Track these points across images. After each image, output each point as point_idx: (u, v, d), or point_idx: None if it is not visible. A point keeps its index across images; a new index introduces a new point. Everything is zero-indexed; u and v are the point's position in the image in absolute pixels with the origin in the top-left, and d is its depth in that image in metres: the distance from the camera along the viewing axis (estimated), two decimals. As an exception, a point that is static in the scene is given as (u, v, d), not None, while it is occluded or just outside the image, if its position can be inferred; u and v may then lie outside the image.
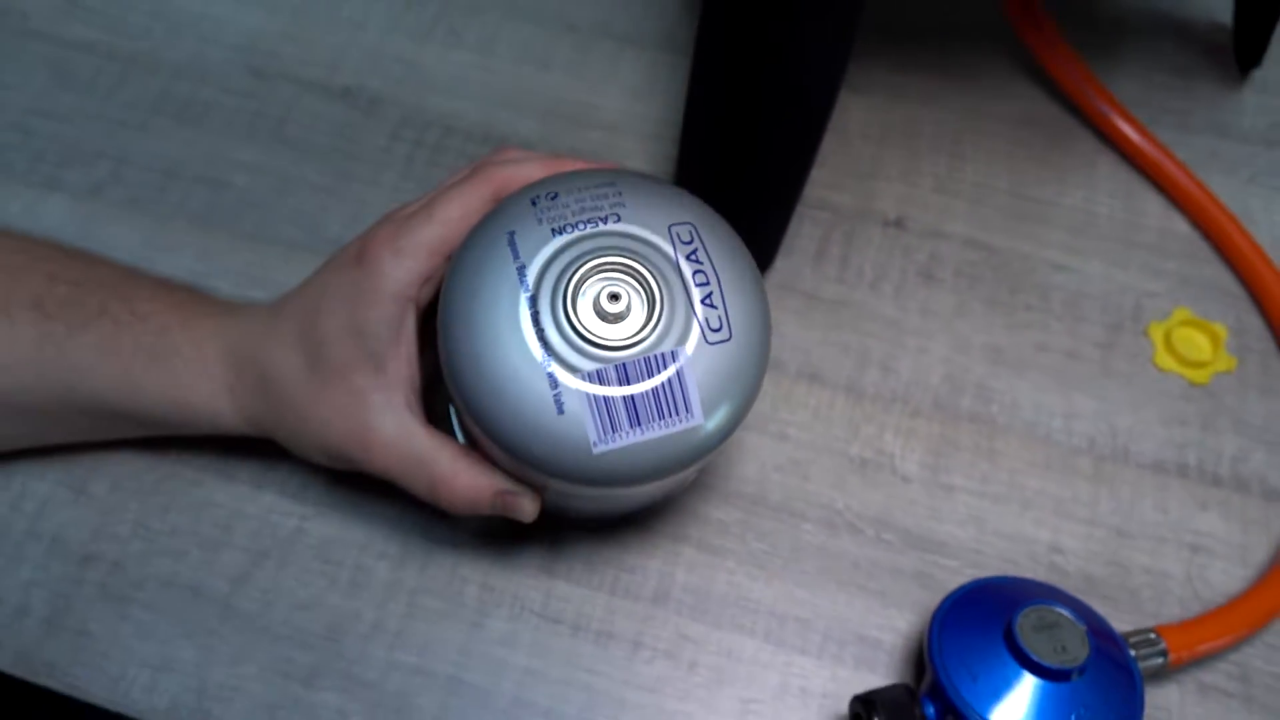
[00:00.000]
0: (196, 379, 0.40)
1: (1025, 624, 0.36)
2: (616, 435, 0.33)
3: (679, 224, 0.36)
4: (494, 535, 0.44)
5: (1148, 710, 0.40)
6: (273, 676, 0.41)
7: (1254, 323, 0.49)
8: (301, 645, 0.42)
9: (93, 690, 0.41)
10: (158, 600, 0.43)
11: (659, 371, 0.34)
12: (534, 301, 0.34)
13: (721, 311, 0.35)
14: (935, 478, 0.45)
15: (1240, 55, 0.57)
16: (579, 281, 0.34)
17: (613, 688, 0.41)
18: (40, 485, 0.45)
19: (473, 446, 0.39)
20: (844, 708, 0.40)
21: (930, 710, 0.37)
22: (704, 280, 0.35)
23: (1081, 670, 0.36)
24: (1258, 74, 0.57)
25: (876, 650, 0.42)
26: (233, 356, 0.40)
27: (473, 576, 0.43)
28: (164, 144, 0.54)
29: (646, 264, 0.34)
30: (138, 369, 0.40)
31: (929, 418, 0.47)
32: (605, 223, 0.35)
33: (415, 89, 0.56)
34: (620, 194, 0.36)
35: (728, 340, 0.34)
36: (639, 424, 0.33)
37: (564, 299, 0.34)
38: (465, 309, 0.35)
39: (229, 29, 0.58)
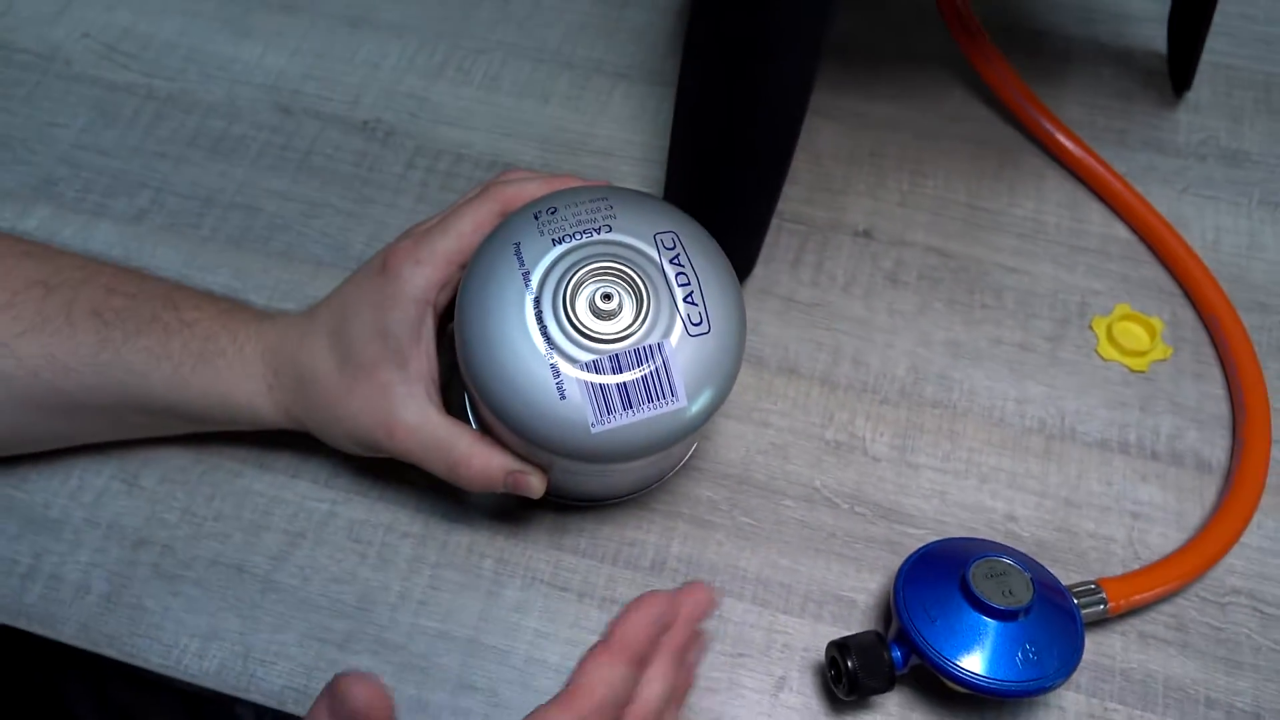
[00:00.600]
0: (239, 378, 0.45)
1: (977, 573, 0.41)
2: (611, 416, 0.39)
3: (663, 232, 0.41)
4: (507, 514, 0.49)
5: (1095, 657, 0.45)
6: (310, 642, 0.46)
7: (1188, 316, 0.55)
8: (336, 614, 0.46)
9: (149, 657, 0.46)
10: (205, 578, 0.47)
11: (647, 361, 0.39)
12: (538, 302, 0.39)
13: (701, 308, 0.40)
14: (902, 457, 0.50)
15: (1174, 79, 0.62)
16: (577, 284, 0.39)
17: (616, 646, 0.46)
18: (97, 479, 0.50)
19: (485, 432, 0.44)
20: (823, 657, 0.45)
21: (897, 653, 0.42)
22: (685, 281, 0.40)
23: (1027, 611, 0.40)
24: (1190, 96, 0.63)
25: (851, 609, 0.47)
26: (271, 358, 0.45)
27: (489, 551, 0.48)
28: (200, 174, 0.59)
29: (635, 268, 0.40)
30: (186, 369, 0.45)
31: (896, 404, 0.52)
32: (598, 233, 0.41)
33: (428, 122, 0.61)
34: (611, 207, 0.41)
35: (707, 333, 0.40)
36: (630, 406, 0.39)
37: (564, 299, 0.39)
38: (478, 310, 0.40)
39: (257, 71, 0.63)
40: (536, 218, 0.41)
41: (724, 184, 0.50)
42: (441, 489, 0.49)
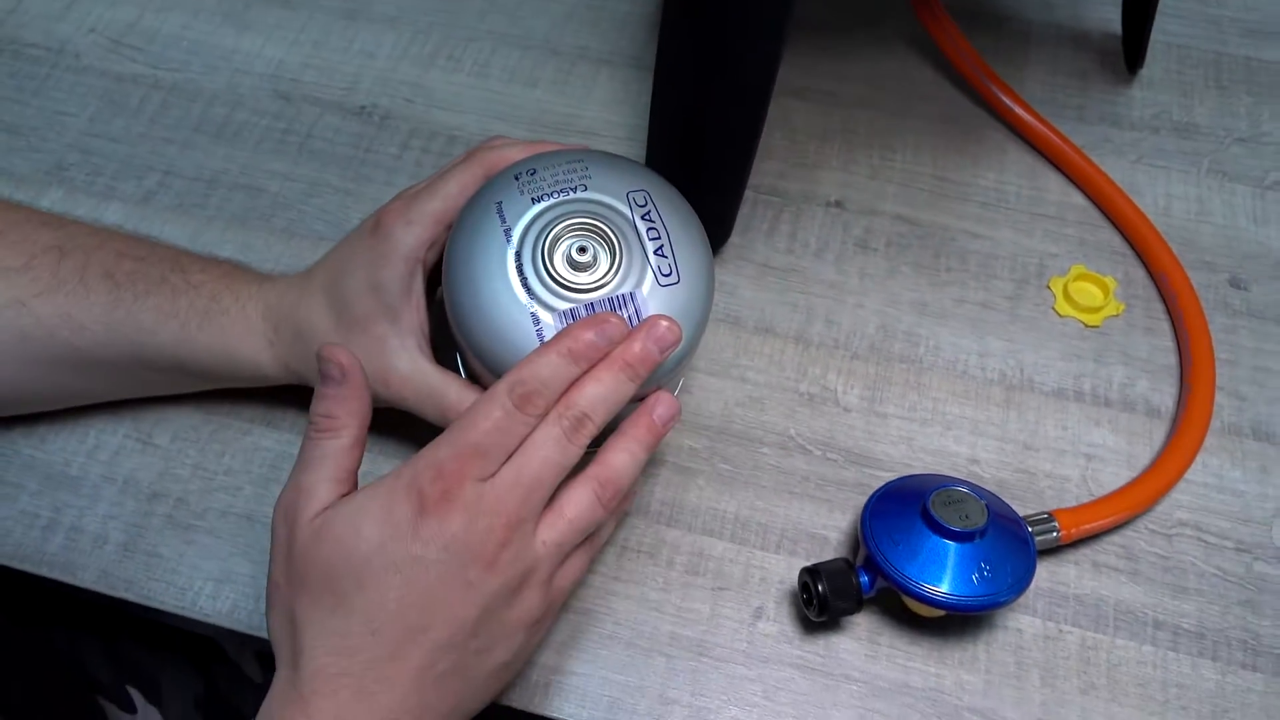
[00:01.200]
0: (242, 334, 0.48)
1: (937, 501, 0.44)
2: None
3: (635, 191, 0.44)
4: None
5: (1051, 585, 0.48)
6: (317, 583, 0.49)
7: (1139, 275, 0.58)
8: (341, 558, 0.49)
9: (164, 599, 0.49)
10: (217, 527, 0.50)
11: (621, 309, 0.42)
12: (518, 256, 0.42)
13: (671, 260, 0.43)
14: (872, 407, 0.54)
15: (1128, 58, 0.66)
16: (554, 239, 0.43)
17: (604, 583, 0.49)
18: (112, 439, 0.53)
19: (473, 380, 0.47)
20: (797, 588, 0.48)
21: (864, 578, 0.45)
22: (656, 235, 0.43)
23: (982, 533, 0.44)
24: (1143, 73, 0.66)
25: (824, 545, 0.50)
26: (272, 315, 0.48)
27: (483, 498, 0.51)
28: (205, 158, 0.62)
29: (609, 223, 0.43)
30: (193, 326, 0.48)
31: (865, 360, 0.55)
32: (574, 191, 0.44)
33: (421, 106, 0.65)
34: (587, 168, 0.45)
35: (677, 283, 0.43)
36: None
37: (542, 253, 0.42)
38: (464, 265, 0.43)
39: (257, 61, 0.67)
40: (517, 179, 0.44)
41: (699, 157, 0.53)
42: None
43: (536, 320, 0.42)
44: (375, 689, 0.36)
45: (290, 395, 0.52)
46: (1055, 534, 0.47)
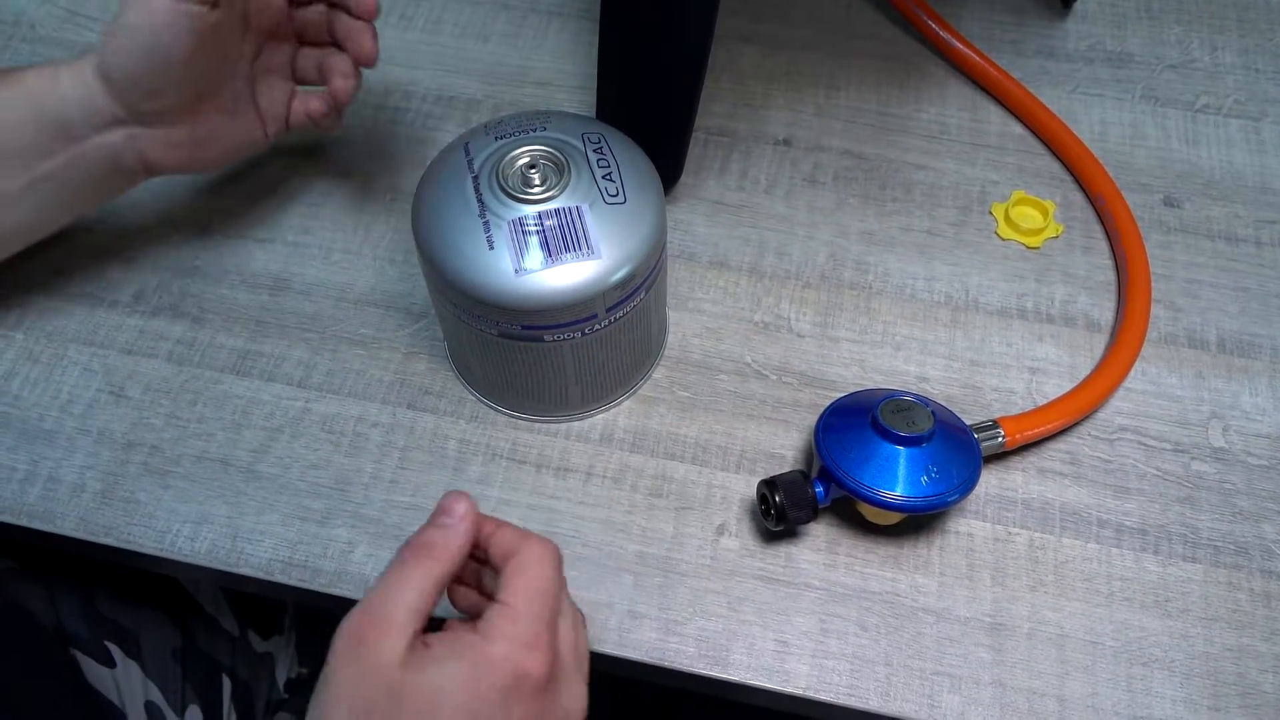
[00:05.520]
0: (75, 61, 0.49)
1: (886, 410, 0.46)
2: (533, 262, 0.44)
3: (590, 133, 0.48)
4: (467, 405, 0.53)
5: (999, 491, 0.51)
6: (293, 520, 0.50)
7: (1077, 198, 0.60)
8: (315, 495, 0.51)
9: (144, 543, 0.50)
10: (192, 472, 0.52)
11: (566, 219, 0.45)
12: (476, 179, 0.46)
13: (618, 185, 0.46)
14: (824, 333, 0.55)
15: (1062, -7, 0.68)
16: (510, 161, 0.46)
17: (571, 508, 0.50)
18: (85, 393, 0.54)
19: (437, 299, 0.49)
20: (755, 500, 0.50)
21: (819, 488, 0.47)
22: (605, 164, 0.46)
23: (929, 438, 0.45)
24: (1078, 7, 0.68)
25: (782, 463, 0.52)
26: None
27: (452, 434, 0.53)
28: (164, 120, 0.63)
29: (562, 152, 0.46)
30: (61, 68, 0.49)
31: (817, 288, 0.57)
32: (534, 132, 0.47)
33: (378, 64, 0.66)
34: (549, 119, 0.48)
35: (623, 203, 0.45)
36: (550, 255, 0.44)
37: (497, 172, 0.46)
38: (429, 191, 0.47)
39: (212, 24, 0.67)
40: (486, 128, 0.48)
41: (647, 100, 0.55)
42: (407, 384, 0.54)
43: (487, 227, 0.45)
44: None
45: (260, 341, 0.54)
46: (1000, 439, 0.49)
